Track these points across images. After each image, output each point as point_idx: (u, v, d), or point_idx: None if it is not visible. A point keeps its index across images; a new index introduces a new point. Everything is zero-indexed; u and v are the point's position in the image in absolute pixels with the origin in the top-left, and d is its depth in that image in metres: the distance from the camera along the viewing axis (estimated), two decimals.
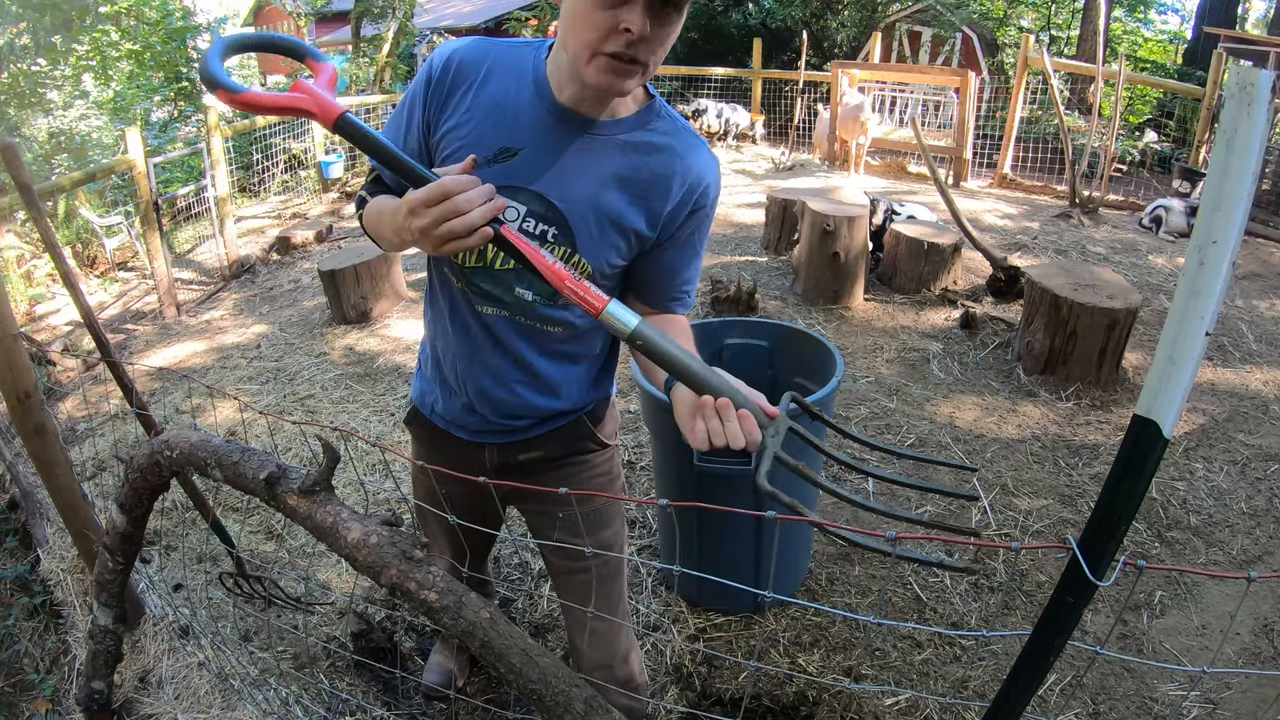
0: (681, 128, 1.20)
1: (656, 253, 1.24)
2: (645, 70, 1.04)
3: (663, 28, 1.02)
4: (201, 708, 1.83)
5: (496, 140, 1.14)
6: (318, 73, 1.07)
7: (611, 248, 1.19)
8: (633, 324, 1.01)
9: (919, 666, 2.14)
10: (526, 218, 1.15)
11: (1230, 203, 0.66)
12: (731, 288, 4.27)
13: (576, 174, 1.14)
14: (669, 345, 1.02)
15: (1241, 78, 0.63)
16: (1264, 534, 2.71)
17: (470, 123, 1.14)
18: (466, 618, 0.99)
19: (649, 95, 1.19)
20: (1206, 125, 6.99)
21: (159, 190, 5.62)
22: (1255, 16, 16.72)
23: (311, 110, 1.01)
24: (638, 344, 1.01)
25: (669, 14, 1.01)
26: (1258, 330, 4.25)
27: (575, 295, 1.00)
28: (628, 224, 1.18)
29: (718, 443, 1.00)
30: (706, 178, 1.21)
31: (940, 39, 11.66)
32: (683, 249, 1.25)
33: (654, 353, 1.01)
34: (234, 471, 1.14)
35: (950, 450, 3.13)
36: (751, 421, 1.00)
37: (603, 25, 1.00)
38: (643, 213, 1.18)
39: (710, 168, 1.21)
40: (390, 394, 3.74)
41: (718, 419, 1.00)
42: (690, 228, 1.23)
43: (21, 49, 8.14)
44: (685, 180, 1.18)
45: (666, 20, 1.02)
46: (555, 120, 1.13)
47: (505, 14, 15.13)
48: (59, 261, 2.02)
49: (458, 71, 1.15)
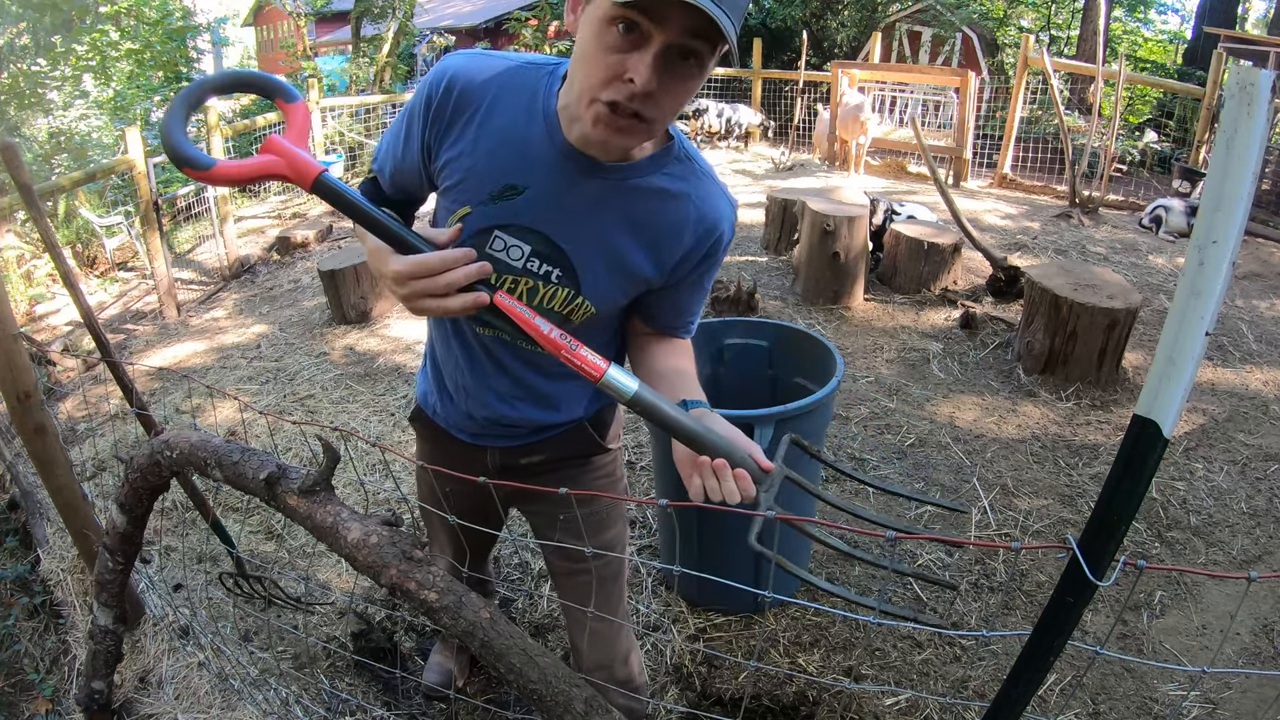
0: (699, 172, 1.14)
1: (663, 292, 1.21)
2: (650, 127, 0.96)
3: (678, 83, 0.91)
4: (201, 708, 1.83)
5: (502, 177, 1.07)
6: (289, 117, 1.00)
7: (617, 290, 1.16)
8: (632, 389, 1.00)
9: (919, 666, 2.14)
10: (531, 257, 1.11)
11: (1230, 203, 0.66)
12: (731, 288, 4.27)
13: (584, 217, 1.09)
14: (666, 409, 1.02)
15: (1241, 78, 0.63)
16: (1264, 534, 2.71)
17: (475, 155, 1.08)
18: (466, 618, 0.99)
19: (668, 135, 1.12)
20: (1206, 125, 6.99)
21: (159, 190, 5.62)
22: (1255, 16, 16.73)
23: (285, 174, 0.95)
24: (637, 408, 1.01)
25: (688, 68, 0.90)
26: (1258, 330, 4.25)
27: (573, 363, 0.98)
28: (635, 270, 1.14)
29: (714, 499, 1.02)
30: (721, 225, 1.15)
31: (940, 39, 11.66)
32: (691, 289, 1.22)
33: (652, 416, 1.02)
34: (234, 471, 1.14)
35: (950, 450, 3.13)
36: (747, 480, 1.01)
37: (607, 70, 0.90)
38: (652, 259, 1.14)
39: (726, 215, 1.16)
40: (390, 394, 3.74)
41: (714, 478, 1.02)
42: (701, 270, 1.19)
43: (21, 49, 8.14)
44: (699, 229, 1.13)
45: (683, 75, 0.91)
46: (564, 160, 1.06)
47: (505, 14, 15.12)
48: (59, 261, 2.02)
49: (461, 96, 1.07)
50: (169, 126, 0.94)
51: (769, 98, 10.50)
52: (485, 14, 17.52)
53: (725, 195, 1.17)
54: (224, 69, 1.49)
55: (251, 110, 12.18)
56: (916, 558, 2.55)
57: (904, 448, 3.15)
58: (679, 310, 1.25)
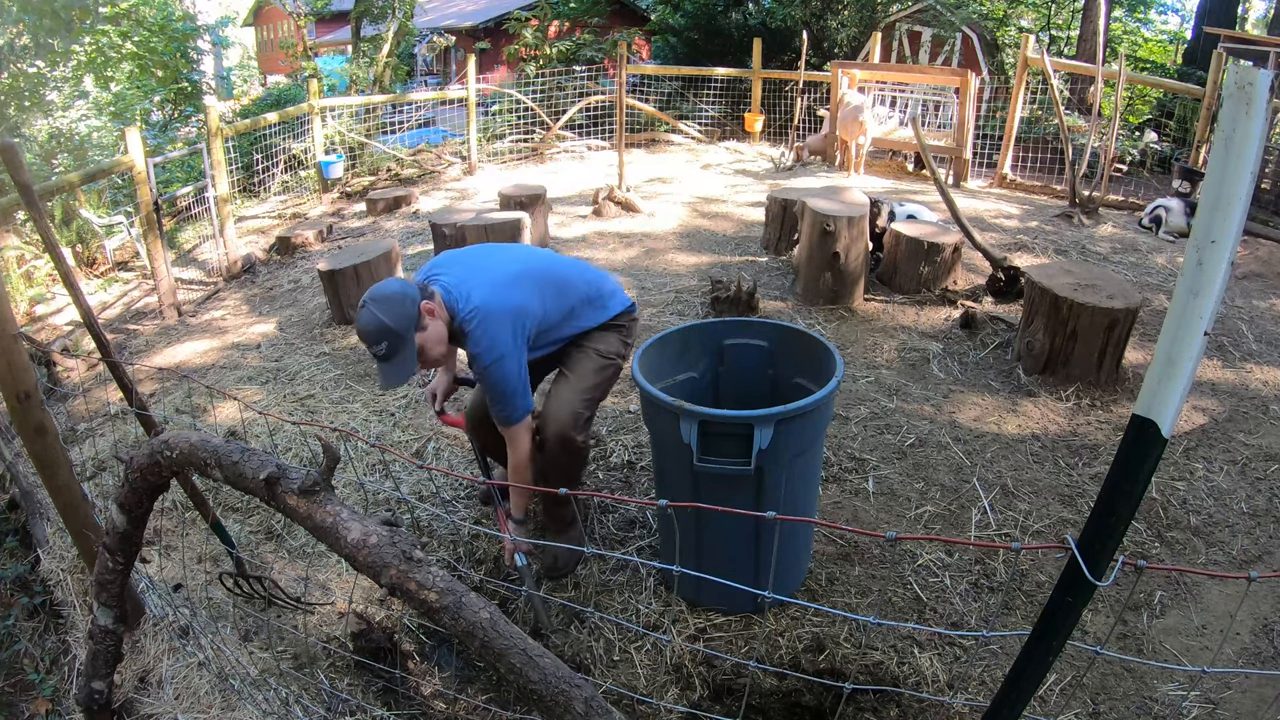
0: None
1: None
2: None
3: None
4: (201, 708, 1.83)
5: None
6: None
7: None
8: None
9: (919, 667, 2.14)
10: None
11: (1228, 202, 0.66)
12: (731, 288, 4.27)
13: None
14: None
15: (1240, 77, 0.63)
16: (1264, 534, 2.71)
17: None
18: (466, 618, 0.99)
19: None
20: (1206, 125, 6.98)
21: (159, 190, 5.62)
22: (1255, 16, 16.72)
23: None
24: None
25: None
26: (1258, 330, 4.25)
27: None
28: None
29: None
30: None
31: (940, 39, 11.64)
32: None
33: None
34: (234, 471, 1.14)
35: (950, 450, 3.13)
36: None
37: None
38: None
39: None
40: (390, 394, 3.74)
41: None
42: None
43: (22, 49, 8.14)
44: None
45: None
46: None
47: (505, 14, 15.13)
48: (59, 262, 2.02)
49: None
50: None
51: (769, 98, 10.50)
52: (485, 14, 17.54)
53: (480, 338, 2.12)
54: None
55: (251, 110, 12.20)
56: (917, 558, 2.55)
57: (904, 448, 3.15)
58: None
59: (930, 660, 2.15)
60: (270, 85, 18.27)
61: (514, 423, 2.18)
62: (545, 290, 2.24)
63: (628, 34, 13.59)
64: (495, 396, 2.16)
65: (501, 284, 2.17)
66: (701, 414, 1.99)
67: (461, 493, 2.97)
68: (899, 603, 2.38)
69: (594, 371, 2.36)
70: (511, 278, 2.20)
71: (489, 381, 2.14)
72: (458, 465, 3.14)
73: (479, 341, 2.09)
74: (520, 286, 2.19)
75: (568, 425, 2.28)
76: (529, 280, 2.23)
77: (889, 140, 8.32)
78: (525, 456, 2.23)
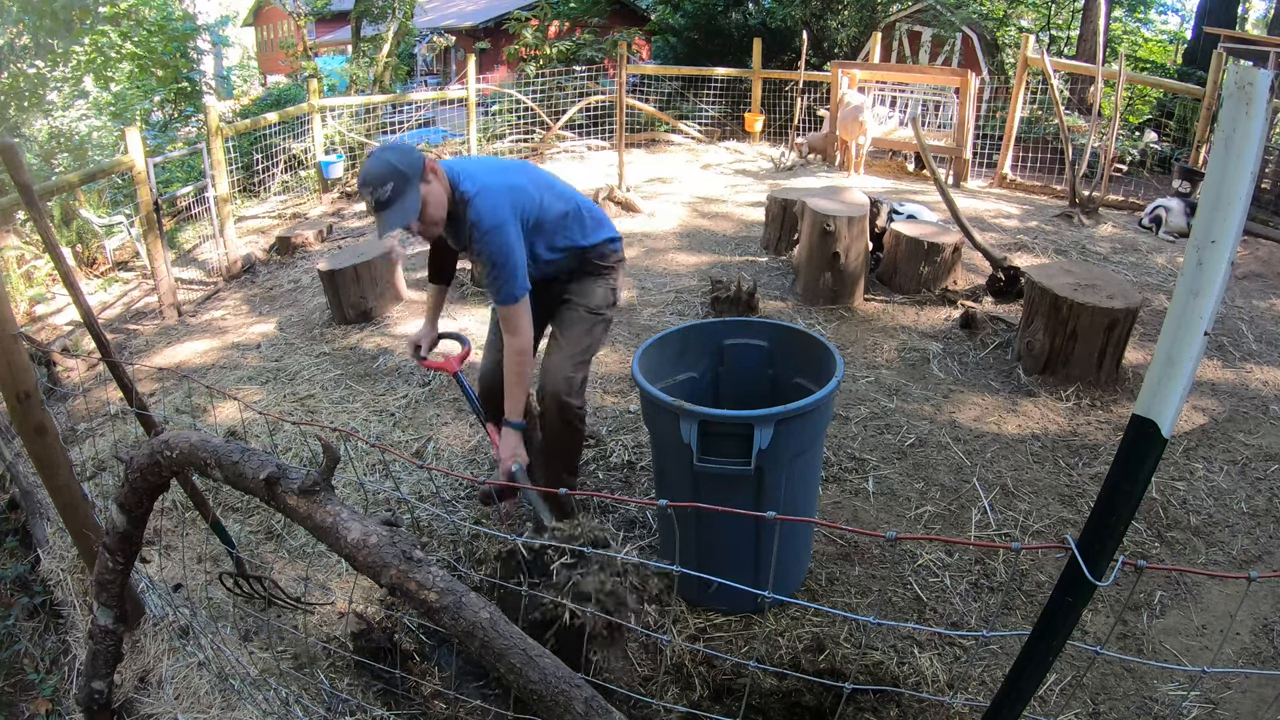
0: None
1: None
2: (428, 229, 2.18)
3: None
4: (201, 708, 1.83)
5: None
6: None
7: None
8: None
9: (920, 667, 2.13)
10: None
11: (1228, 202, 0.66)
12: (731, 288, 4.27)
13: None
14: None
15: (1240, 77, 0.63)
16: (1264, 534, 2.71)
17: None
18: (466, 618, 0.99)
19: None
20: (1206, 125, 6.98)
21: (159, 190, 5.61)
22: (1255, 16, 16.73)
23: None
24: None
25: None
26: (1258, 330, 4.25)
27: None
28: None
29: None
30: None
31: (940, 39, 11.64)
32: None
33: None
34: (234, 471, 1.14)
35: (950, 450, 3.13)
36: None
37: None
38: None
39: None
40: (390, 394, 3.74)
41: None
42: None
43: (22, 49, 8.14)
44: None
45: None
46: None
47: (505, 14, 15.13)
48: (59, 262, 2.02)
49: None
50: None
51: (769, 98, 10.50)
52: (485, 14, 17.54)
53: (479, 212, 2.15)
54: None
55: (251, 110, 12.19)
56: (917, 558, 2.55)
57: (904, 448, 3.15)
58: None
59: (930, 660, 2.15)
60: (270, 85, 18.26)
61: (515, 300, 2.19)
62: (541, 186, 2.36)
63: (628, 34, 13.59)
64: (495, 270, 2.17)
65: (499, 170, 2.33)
66: (701, 414, 1.99)
67: (461, 493, 2.97)
68: (899, 603, 2.38)
69: (584, 332, 2.44)
70: (510, 167, 2.40)
71: (488, 252, 2.16)
72: (458, 465, 3.14)
73: (479, 209, 2.15)
74: (518, 175, 2.33)
75: (562, 390, 2.38)
76: (525, 174, 2.37)
77: (889, 140, 8.31)
78: (524, 342, 2.25)
